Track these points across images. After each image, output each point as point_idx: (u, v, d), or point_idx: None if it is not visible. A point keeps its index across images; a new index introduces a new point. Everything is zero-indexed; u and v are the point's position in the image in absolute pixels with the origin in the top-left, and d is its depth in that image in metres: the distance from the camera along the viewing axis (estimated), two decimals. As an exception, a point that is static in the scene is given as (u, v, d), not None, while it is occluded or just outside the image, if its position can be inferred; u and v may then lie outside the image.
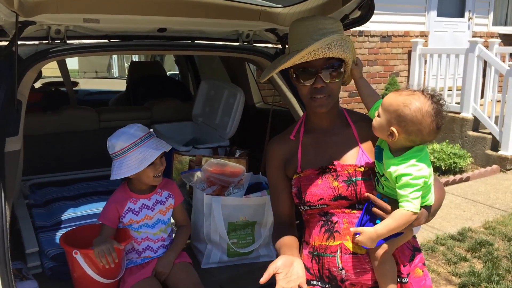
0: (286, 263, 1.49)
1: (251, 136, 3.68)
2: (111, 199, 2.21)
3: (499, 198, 5.39)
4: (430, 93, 1.44)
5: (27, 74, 2.09)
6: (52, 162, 3.60)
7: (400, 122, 1.41)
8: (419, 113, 1.40)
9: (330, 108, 1.59)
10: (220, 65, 4.18)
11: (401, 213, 1.43)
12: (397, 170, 1.42)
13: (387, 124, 1.44)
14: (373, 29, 7.44)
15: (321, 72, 1.50)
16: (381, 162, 1.49)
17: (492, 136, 6.53)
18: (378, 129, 1.48)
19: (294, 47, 1.52)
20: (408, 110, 1.40)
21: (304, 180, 1.60)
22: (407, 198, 1.41)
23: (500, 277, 3.53)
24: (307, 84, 1.52)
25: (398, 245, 1.55)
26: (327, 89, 1.52)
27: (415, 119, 1.40)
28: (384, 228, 1.43)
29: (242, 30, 2.59)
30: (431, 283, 1.70)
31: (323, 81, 1.50)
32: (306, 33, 1.50)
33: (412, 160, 1.43)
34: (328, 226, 1.57)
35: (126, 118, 3.81)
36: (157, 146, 2.10)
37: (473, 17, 8.82)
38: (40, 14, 1.99)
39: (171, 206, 2.30)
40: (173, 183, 2.38)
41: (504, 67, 6.36)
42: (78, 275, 2.06)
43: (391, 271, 1.51)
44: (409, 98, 1.42)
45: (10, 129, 1.95)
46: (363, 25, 2.30)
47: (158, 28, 2.37)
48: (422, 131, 1.42)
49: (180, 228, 2.38)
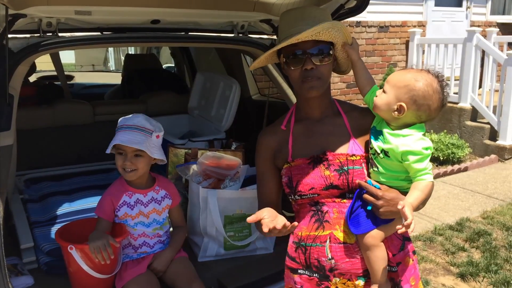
0: (271, 213, 1.47)
1: (248, 128, 3.65)
2: (107, 192, 2.20)
3: (497, 188, 5.39)
4: (435, 73, 1.49)
5: (19, 67, 2.07)
6: (47, 156, 3.57)
7: (411, 96, 1.45)
8: (430, 88, 1.45)
9: (321, 96, 1.61)
10: (216, 57, 4.15)
11: (426, 184, 1.46)
12: (406, 145, 1.45)
13: (395, 99, 1.47)
14: (371, 19, 7.40)
15: (310, 54, 1.52)
16: (378, 140, 1.52)
17: (490, 126, 6.52)
18: (384, 105, 1.50)
19: (282, 35, 1.57)
20: (420, 84, 1.45)
21: (295, 170, 1.60)
22: (426, 170, 1.45)
23: (498, 266, 3.54)
24: (298, 67, 1.54)
25: (388, 234, 1.55)
26: (317, 72, 1.54)
27: (426, 94, 1.45)
28: (416, 200, 1.44)
29: (237, 21, 2.56)
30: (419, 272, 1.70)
31: (312, 63, 1.53)
32: (293, 21, 1.54)
33: (420, 133, 1.48)
34: (318, 216, 1.58)
35: (121, 111, 3.77)
36: (124, 139, 2.05)
37: (471, 6, 8.78)
38: (31, 6, 1.97)
39: (167, 206, 2.29)
40: (171, 184, 2.36)
41: (502, 57, 6.33)
42: (74, 270, 2.05)
43: (380, 258, 1.52)
44: (419, 75, 1.46)
45: (2, 123, 1.92)
46: (359, 15, 2.28)
47: (152, 20, 2.35)
48: (430, 106, 1.46)
49: (176, 228, 2.37)
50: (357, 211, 1.52)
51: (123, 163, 2.10)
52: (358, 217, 1.52)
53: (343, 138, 1.61)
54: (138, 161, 2.10)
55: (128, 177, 2.15)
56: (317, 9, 1.59)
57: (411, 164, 1.45)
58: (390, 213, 1.49)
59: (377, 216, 1.50)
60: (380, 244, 1.52)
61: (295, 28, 1.52)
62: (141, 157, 2.10)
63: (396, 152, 1.46)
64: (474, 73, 6.69)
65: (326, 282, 1.58)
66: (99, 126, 3.77)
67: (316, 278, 1.60)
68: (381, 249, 1.52)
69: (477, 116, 6.78)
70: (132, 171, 2.11)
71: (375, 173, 1.54)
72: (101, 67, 11.28)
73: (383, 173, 1.52)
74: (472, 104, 6.73)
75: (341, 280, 1.57)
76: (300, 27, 1.51)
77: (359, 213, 1.52)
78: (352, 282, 1.57)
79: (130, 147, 2.06)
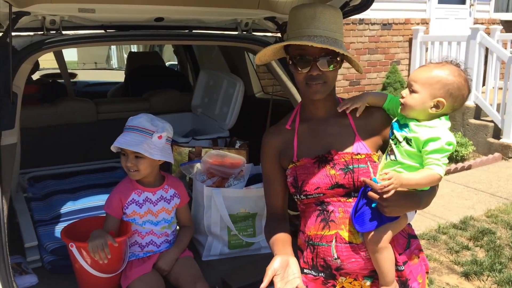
0: (282, 264, 1.49)
1: (251, 126, 3.64)
2: (116, 189, 2.20)
3: (501, 186, 5.37)
4: (455, 63, 1.52)
5: (22, 66, 2.06)
6: (50, 155, 3.57)
7: (447, 91, 1.46)
8: (461, 78, 1.48)
9: (326, 96, 1.60)
10: (219, 55, 4.13)
11: (429, 173, 1.45)
12: (432, 132, 1.46)
13: (431, 97, 1.47)
14: (374, 16, 7.37)
15: (317, 60, 1.51)
16: (402, 131, 1.52)
17: (494, 124, 6.50)
18: (419, 104, 1.49)
19: (292, 34, 1.55)
20: (453, 77, 1.47)
21: (301, 169, 1.60)
22: (438, 162, 1.44)
23: (502, 265, 3.52)
24: (304, 71, 1.53)
25: (394, 233, 1.54)
26: (323, 76, 1.53)
27: (460, 85, 1.47)
28: (408, 179, 1.45)
29: (241, 19, 2.55)
30: (428, 267, 1.70)
31: (319, 69, 1.52)
32: (303, 20, 1.52)
33: (445, 126, 1.49)
34: (324, 216, 1.58)
35: (124, 109, 3.77)
36: (123, 140, 2.05)
37: (475, 4, 8.73)
38: (34, 4, 1.96)
39: (176, 205, 2.29)
40: (181, 183, 2.36)
41: (506, 54, 6.31)
42: (78, 267, 2.05)
43: (388, 260, 1.51)
44: (446, 68, 1.48)
45: (6, 122, 1.92)
46: (363, 12, 2.27)
47: (155, 18, 2.34)
48: (464, 95, 1.49)
49: (183, 228, 2.36)
50: (362, 209, 1.52)
51: (126, 164, 2.10)
52: (363, 215, 1.51)
53: (348, 137, 1.61)
54: (139, 162, 2.09)
55: (132, 176, 2.14)
56: (329, 9, 1.53)
57: (429, 152, 1.44)
58: (395, 211, 1.48)
59: (382, 213, 1.49)
60: (388, 245, 1.51)
61: (306, 30, 1.50)
62: (142, 158, 2.08)
63: (420, 140, 1.46)
64: (478, 70, 6.65)
65: (333, 281, 1.58)
66: (102, 124, 3.76)
67: (321, 277, 1.60)
68: (389, 251, 1.51)
69: (480, 114, 6.75)
70: (135, 172, 2.11)
71: (392, 162, 1.53)
72: (104, 65, 11.27)
73: (401, 162, 1.51)
74: (475, 102, 6.70)
75: (347, 279, 1.57)
76: (309, 30, 1.49)
77: (364, 211, 1.51)
78: (359, 282, 1.56)
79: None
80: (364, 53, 7.47)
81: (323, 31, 1.49)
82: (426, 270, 1.69)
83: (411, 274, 1.59)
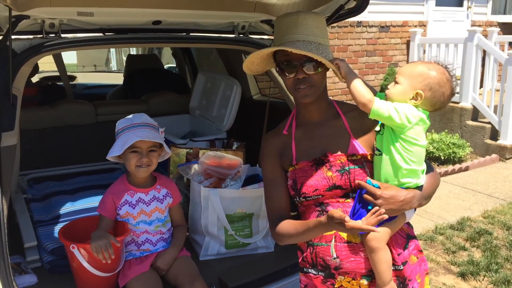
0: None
1: (249, 128, 3.67)
2: (108, 191, 2.23)
3: (498, 187, 5.40)
4: (442, 64, 1.55)
5: (22, 68, 2.09)
6: (49, 156, 3.59)
7: (427, 84, 1.50)
8: (444, 76, 1.51)
9: (318, 100, 1.62)
10: (217, 58, 4.17)
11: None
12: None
13: (411, 88, 1.51)
14: (371, 19, 7.41)
15: (304, 65, 1.54)
16: None
17: (491, 125, 6.53)
18: (399, 94, 1.53)
19: (277, 41, 1.60)
20: (435, 73, 1.51)
21: (299, 172, 1.63)
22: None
23: (499, 265, 3.55)
24: (291, 76, 1.57)
25: (393, 232, 1.56)
26: (310, 80, 1.56)
27: (441, 82, 1.51)
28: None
29: (238, 22, 2.57)
30: (427, 267, 1.72)
31: (304, 72, 1.54)
32: (287, 27, 1.56)
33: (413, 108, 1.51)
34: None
35: (123, 111, 3.79)
36: (143, 135, 2.10)
37: (472, 6, 8.78)
38: (34, 8, 1.98)
39: (169, 205, 2.32)
40: (172, 182, 2.39)
41: (503, 56, 6.34)
42: (77, 266, 2.07)
43: (385, 260, 1.53)
44: (431, 65, 1.53)
45: (6, 123, 1.95)
46: (359, 15, 2.29)
47: (153, 21, 2.36)
48: (444, 94, 1.52)
49: (177, 227, 2.39)
50: (360, 211, 1.53)
51: (139, 160, 2.13)
52: (360, 217, 1.52)
53: (342, 139, 1.63)
54: (153, 156, 2.18)
55: (143, 173, 2.19)
56: (312, 15, 1.58)
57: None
58: (391, 211, 1.50)
59: None
60: (385, 246, 1.53)
61: (288, 36, 1.54)
62: (155, 152, 2.18)
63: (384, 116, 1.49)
64: (475, 72, 6.69)
65: (332, 280, 1.60)
66: (101, 126, 3.79)
67: (321, 276, 1.62)
68: (386, 252, 1.53)
69: (478, 115, 6.78)
70: (147, 167, 2.16)
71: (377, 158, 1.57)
72: (103, 67, 11.28)
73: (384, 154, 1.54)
74: (473, 104, 6.73)
75: (345, 278, 1.59)
76: (292, 36, 1.54)
77: (361, 213, 1.53)
78: (357, 281, 1.58)
79: (146, 143, 2.12)
80: (362, 55, 7.50)
81: (306, 36, 1.53)
82: (426, 271, 1.71)
83: (411, 274, 1.61)
